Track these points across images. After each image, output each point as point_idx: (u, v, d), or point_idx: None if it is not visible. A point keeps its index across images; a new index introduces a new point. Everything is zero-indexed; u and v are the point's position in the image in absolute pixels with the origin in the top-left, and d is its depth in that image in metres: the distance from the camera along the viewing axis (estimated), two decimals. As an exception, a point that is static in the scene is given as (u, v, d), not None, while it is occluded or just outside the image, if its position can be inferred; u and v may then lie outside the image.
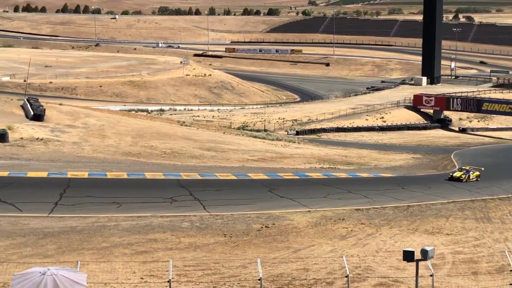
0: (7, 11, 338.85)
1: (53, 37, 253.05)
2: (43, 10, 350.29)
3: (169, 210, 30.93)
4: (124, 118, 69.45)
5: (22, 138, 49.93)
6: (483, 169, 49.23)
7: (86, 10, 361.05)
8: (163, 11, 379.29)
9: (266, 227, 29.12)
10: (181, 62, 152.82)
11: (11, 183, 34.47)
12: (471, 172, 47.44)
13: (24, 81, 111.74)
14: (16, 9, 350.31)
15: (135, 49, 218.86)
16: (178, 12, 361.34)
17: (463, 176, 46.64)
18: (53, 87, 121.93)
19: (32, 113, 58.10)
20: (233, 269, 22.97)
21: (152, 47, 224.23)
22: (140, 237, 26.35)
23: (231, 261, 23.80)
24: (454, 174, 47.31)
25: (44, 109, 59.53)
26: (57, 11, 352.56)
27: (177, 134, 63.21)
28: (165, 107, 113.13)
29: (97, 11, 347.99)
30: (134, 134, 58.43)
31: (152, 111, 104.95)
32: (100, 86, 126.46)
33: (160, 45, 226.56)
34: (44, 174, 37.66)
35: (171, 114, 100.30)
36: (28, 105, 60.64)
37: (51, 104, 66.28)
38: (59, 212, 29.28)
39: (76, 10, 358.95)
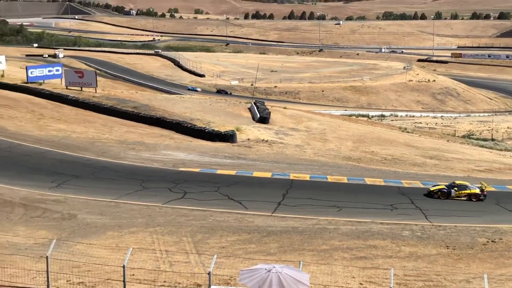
0: (238, 19, 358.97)
1: (279, 43, 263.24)
2: (270, 17, 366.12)
3: (390, 217, 30.44)
4: (345, 122, 69.91)
5: (249, 139, 52.26)
6: (488, 187, 37.04)
7: (311, 16, 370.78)
8: (387, 16, 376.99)
9: (492, 241, 27.49)
10: (404, 67, 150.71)
11: (239, 182, 36.32)
12: (455, 188, 35.74)
13: (252, 85, 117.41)
14: (246, 17, 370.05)
15: (357, 54, 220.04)
16: (403, 17, 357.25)
17: (436, 191, 35.68)
18: (277, 91, 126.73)
19: (258, 115, 60.65)
20: (456, 283, 21.96)
21: (375, 52, 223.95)
22: (360, 243, 26.21)
23: (453, 274, 22.79)
24: (431, 188, 36.42)
25: (270, 112, 61.88)
26: (284, 18, 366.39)
27: (398, 140, 62.19)
28: (386, 113, 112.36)
29: (322, 17, 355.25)
30: (354, 139, 58.51)
31: (372, 116, 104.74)
32: (322, 91, 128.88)
33: (383, 50, 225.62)
34: (268, 175, 39.13)
35: (392, 120, 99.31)
36: (255, 108, 63.37)
37: (275, 107, 68.80)
38: (282, 212, 30.23)
39: (302, 17, 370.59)
